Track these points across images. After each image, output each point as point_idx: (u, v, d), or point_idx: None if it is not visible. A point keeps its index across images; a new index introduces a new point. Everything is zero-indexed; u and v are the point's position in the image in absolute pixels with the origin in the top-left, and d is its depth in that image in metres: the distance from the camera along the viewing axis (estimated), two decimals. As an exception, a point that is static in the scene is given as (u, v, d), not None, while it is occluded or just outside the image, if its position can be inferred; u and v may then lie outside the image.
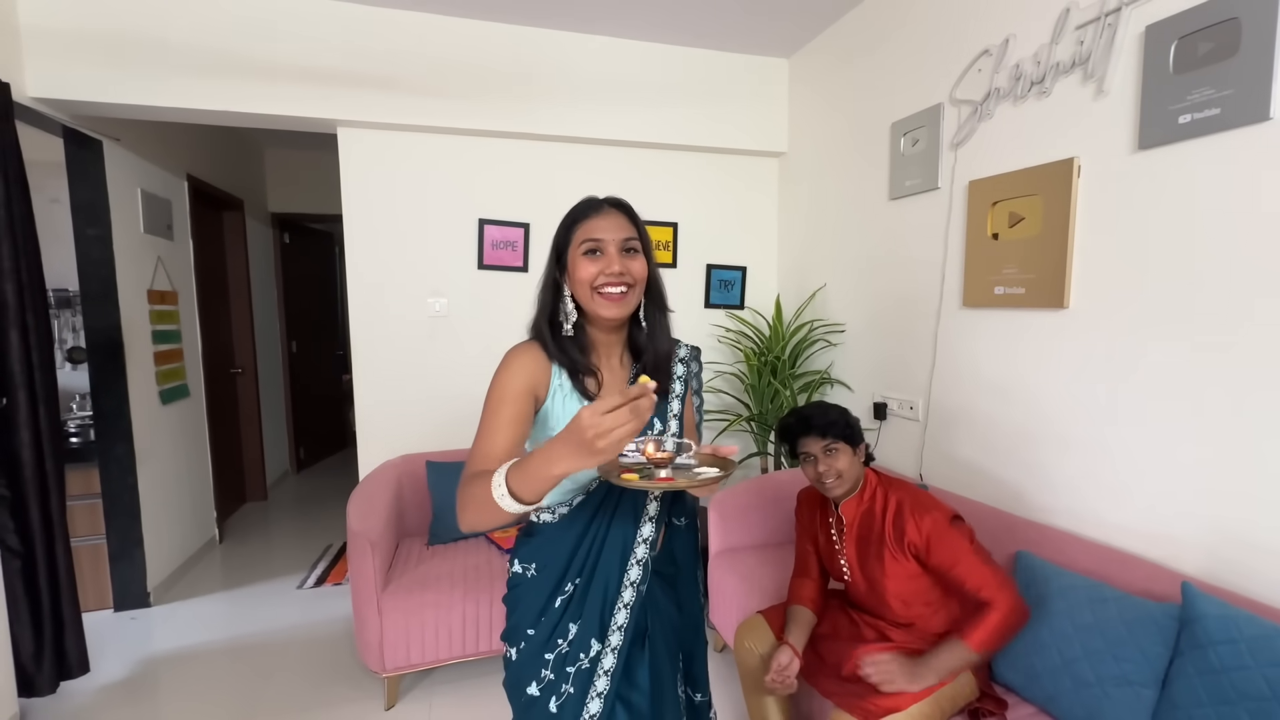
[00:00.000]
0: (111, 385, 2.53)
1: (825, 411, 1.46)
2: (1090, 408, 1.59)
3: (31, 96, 2.09)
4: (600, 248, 0.95)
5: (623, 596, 0.98)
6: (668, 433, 1.02)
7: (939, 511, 1.38)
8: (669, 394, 1.06)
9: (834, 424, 1.43)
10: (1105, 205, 1.52)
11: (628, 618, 0.97)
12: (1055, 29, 1.62)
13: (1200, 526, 1.36)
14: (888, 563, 1.40)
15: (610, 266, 0.94)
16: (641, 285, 0.99)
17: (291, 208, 4.52)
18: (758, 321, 2.94)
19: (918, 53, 2.11)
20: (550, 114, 2.61)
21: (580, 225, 0.97)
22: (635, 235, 0.97)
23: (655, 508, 1.01)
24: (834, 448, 1.43)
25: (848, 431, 1.44)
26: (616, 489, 1.00)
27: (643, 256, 0.98)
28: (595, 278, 0.95)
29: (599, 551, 0.99)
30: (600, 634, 0.97)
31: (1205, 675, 1.12)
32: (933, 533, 1.35)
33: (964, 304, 1.94)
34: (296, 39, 2.31)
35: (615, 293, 0.95)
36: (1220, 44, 1.27)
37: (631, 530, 1.00)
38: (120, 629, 2.49)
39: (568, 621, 0.98)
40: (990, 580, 1.30)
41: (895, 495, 1.43)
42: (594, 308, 0.96)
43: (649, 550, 1.00)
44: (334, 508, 3.84)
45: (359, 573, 1.91)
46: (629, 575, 0.99)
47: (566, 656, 0.97)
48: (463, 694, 2.06)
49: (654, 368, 1.04)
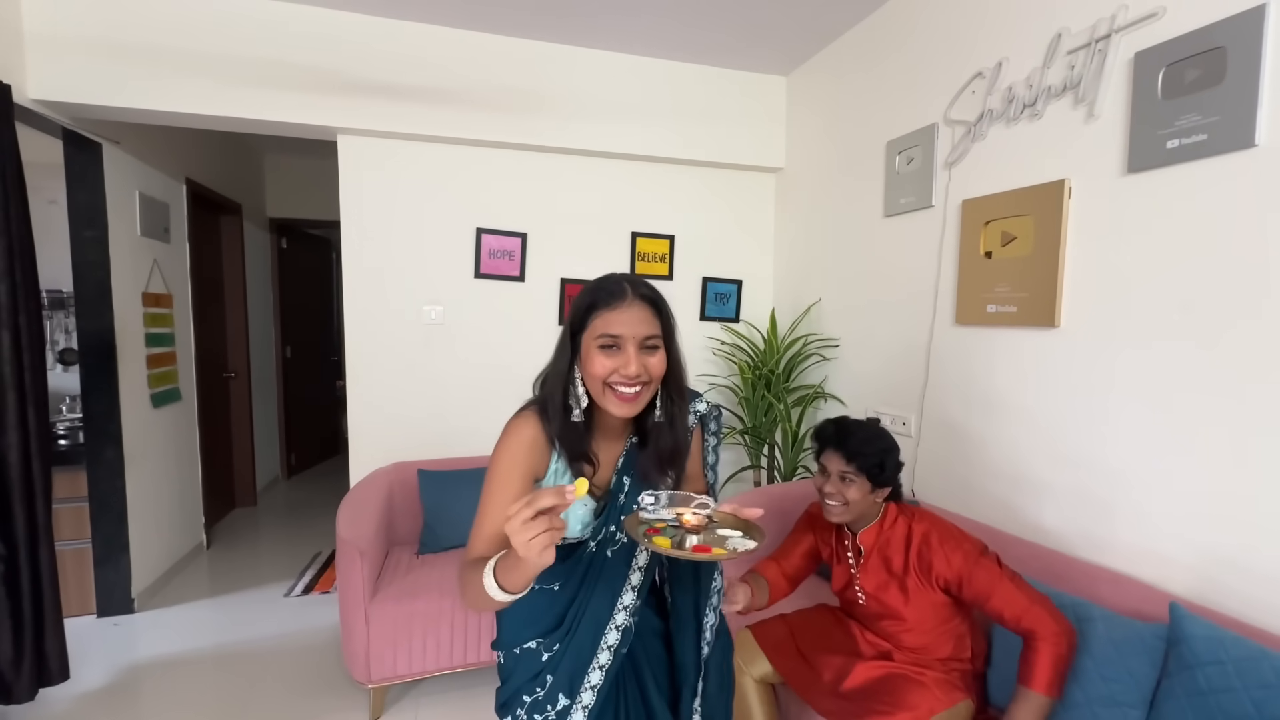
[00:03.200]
0: (102, 387, 2.52)
1: (867, 440, 1.38)
2: (1080, 426, 1.60)
3: (32, 98, 2.10)
4: (618, 344, 0.88)
5: (598, 659, 0.95)
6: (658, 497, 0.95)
7: (969, 544, 1.34)
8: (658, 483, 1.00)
9: (865, 455, 1.37)
10: (1095, 226, 1.55)
11: (602, 678, 0.94)
12: (1047, 53, 1.65)
13: (1189, 547, 1.37)
14: (912, 591, 1.37)
15: (627, 368, 0.87)
16: (658, 381, 0.93)
17: (289, 213, 4.53)
18: (752, 335, 2.95)
19: (913, 73, 2.14)
20: (550, 126, 2.63)
21: (599, 316, 0.89)
22: (658, 334, 0.91)
23: (639, 577, 0.97)
24: (851, 477, 1.38)
25: (876, 471, 1.37)
26: (598, 561, 0.97)
27: (663, 351, 0.92)
28: (609, 374, 0.89)
29: (576, 623, 0.96)
30: (570, 691, 0.95)
31: (1193, 696, 1.12)
32: (964, 567, 1.31)
33: (957, 321, 1.96)
34: (298, 47, 2.33)
35: (628, 393, 0.89)
36: (1207, 71, 1.30)
37: (610, 601, 0.96)
38: (103, 635, 2.45)
39: (545, 673, 0.97)
40: (1029, 608, 1.25)
41: (921, 526, 1.39)
42: (604, 403, 0.91)
43: (630, 616, 0.96)
44: (324, 515, 3.81)
45: (347, 581, 1.89)
46: (605, 640, 0.95)
47: (537, 705, 0.96)
48: (450, 706, 2.03)
49: (656, 458, 0.98)
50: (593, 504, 0.97)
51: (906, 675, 1.36)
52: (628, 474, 0.98)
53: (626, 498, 0.97)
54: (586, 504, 0.95)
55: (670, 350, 0.94)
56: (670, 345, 0.94)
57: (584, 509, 0.95)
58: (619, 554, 0.98)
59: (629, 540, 0.96)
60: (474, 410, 2.67)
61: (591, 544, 0.97)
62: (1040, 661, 1.21)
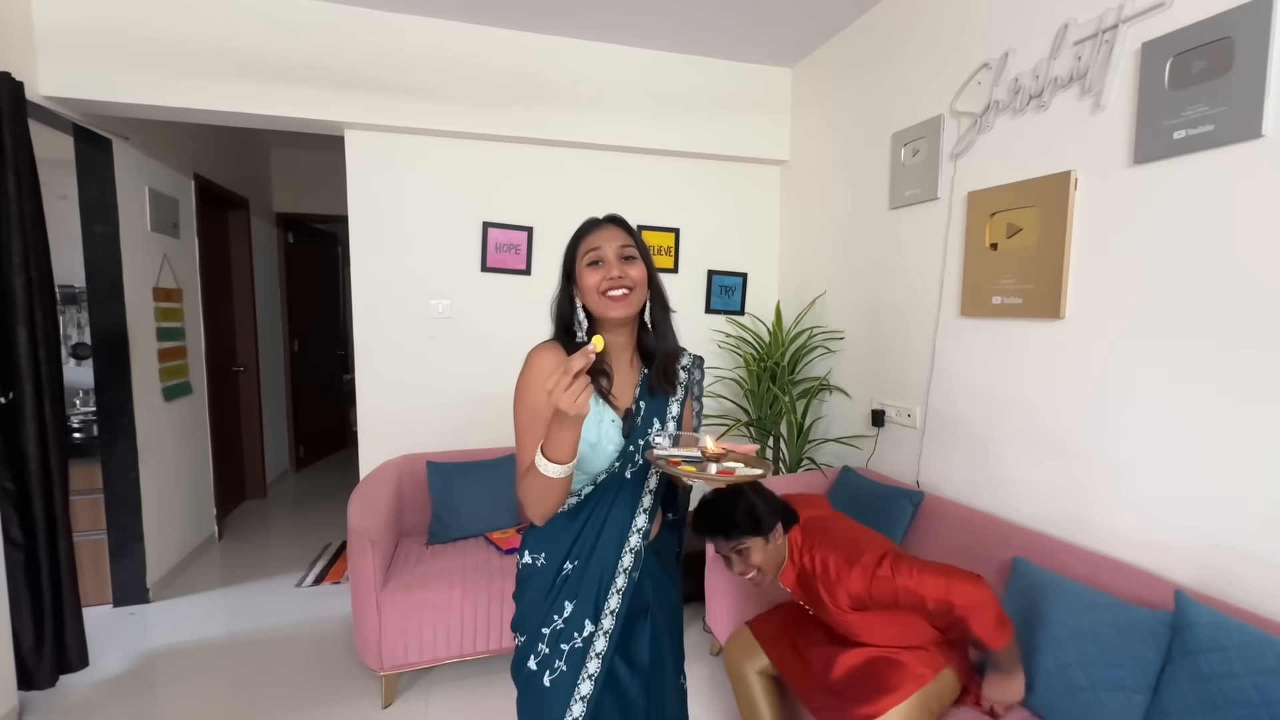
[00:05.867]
0: (115, 381, 2.55)
1: (728, 510, 1.39)
2: (1085, 416, 1.61)
3: (44, 95, 2.12)
4: (601, 257, 1.05)
5: (616, 582, 1.06)
6: (665, 431, 1.10)
7: (867, 557, 1.33)
8: (670, 396, 1.13)
9: (735, 525, 1.38)
10: (1101, 218, 1.55)
11: (620, 602, 1.05)
12: (1054, 44, 1.65)
13: (1193, 536, 1.38)
14: (835, 615, 1.39)
15: (610, 271, 1.04)
16: (643, 288, 1.07)
17: (296, 208, 4.55)
18: (758, 327, 2.96)
19: (919, 65, 2.14)
20: (556, 119, 2.64)
21: (583, 241, 1.08)
22: (631, 243, 1.07)
23: (650, 500, 1.10)
24: (742, 547, 1.39)
25: (752, 526, 1.38)
26: (616, 482, 1.08)
27: (641, 262, 1.07)
28: (600, 284, 1.04)
29: (596, 535, 1.07)
30: (594, 615, 1.04)
31: (1195, 682, 1.14)
32: (863, 588, 1.31)
33: (962, 313, 1.97)
34: (306, 42, 2.34)
35: (618, 294, 1.04)
36: (1214, 62, 1.29)
37: (628, 518, 1.08)
38: (119, 624, 2.50)
39: (564, 599, 1.05)
40: (936, 586, 1.26)
41: (820, 554, 1.40)
42: (602, 310, 1.05)
43: (642, 539, 1.08)
44: (332, 507, 3.85)
45: (359, 571, 1.92)
46: (623, 561, 1.07)
47: (561, 633, 1.04)
48: (460, 693, 2.06)
49: (662, 368, 1.12)
50: (618, 422, 1.07)
51: (887, 658, 1.38)
52: (644, 399, 1.11)
53: (643, 420, 1.10)
54: (614, 421, 1.07)
55: (647, 264, 1.09)
56: (648, 263, 1.09)
57: (611, 426, 1.06)
58: (636, 475, 1.09)
59: (644, 464, 1.08)
60: (481, 403, 2.70)
61: (615, 464, 1.07)
62: (982, 626, 1.25)
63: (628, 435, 1.08)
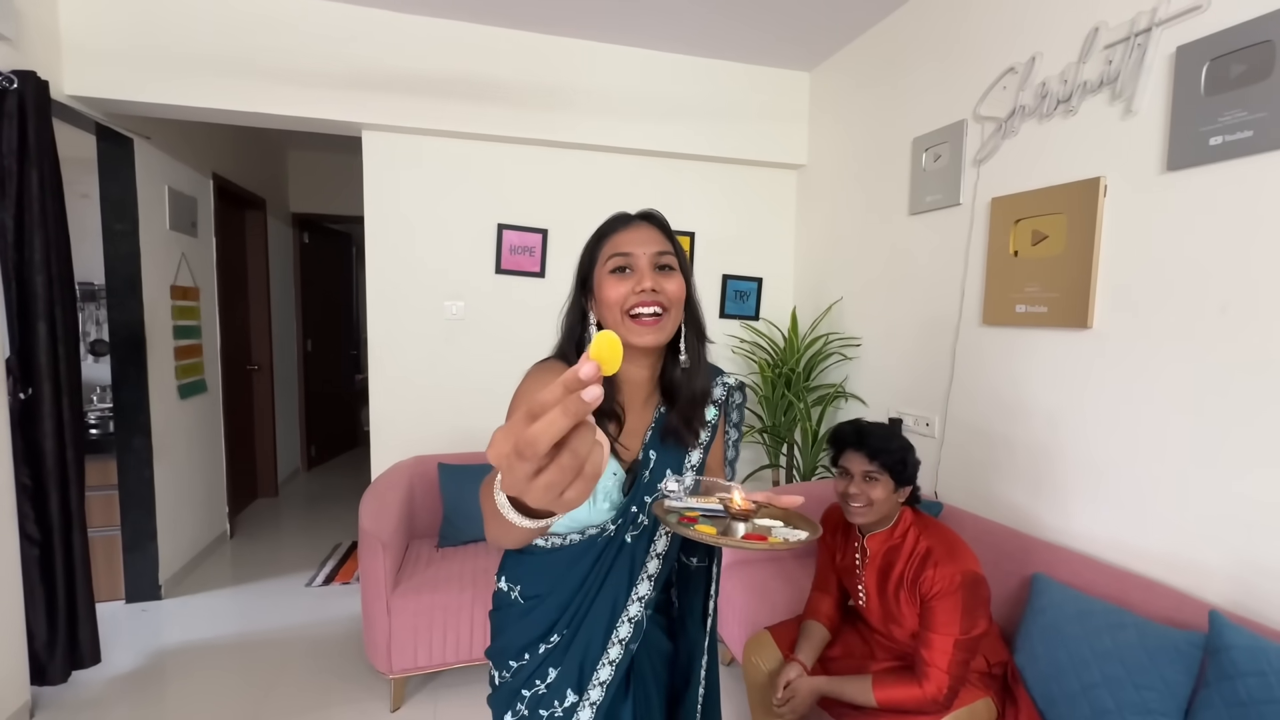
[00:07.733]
0: (132, 378, 2.57)
1: (887, 439, 1.38)
2: (1112, 429, 1.56)
3: (68, 94, 2.14)
4: (630, 264, 0.83)
5: (608, 654, 0.86)
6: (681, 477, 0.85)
7: (956, 567, 1.28)
8: (689, 445, 0.92)
9: (889, 452, 1.35)
10: (1132, 225, 1.51)
11: (612, 674, 0.86)
12: (1083, 48, 1.61)
13: (1226, 554, 1.33)
14: (904, 604, 1.36)
15: (642, 283, 0.82)
16: (679, 309, 0.86)
17: (312, 208, 4.58)
18: (773, 333, 2.93)
19: (941, 69, 2.11)
20: (572, 121, 2.63)
21: (607, 240, 0.86)
22: (670, 250, 0.85)
23: (657, 565, 0.88)
24: (875, 476, 1.36)
25: (899, 468, 1.36)
26: (614, 546, 0.87)
27: (679, 275, 0.86)
28: (625, 299, 0.82)
29: (587, 609, 0.87)
30: (578, 687, 0.86)
31: (1233, 707, 1.10)
32: (937, 588, 1.28)
33: (984, 321, 1.93)
34: (325, 43, 2.35)
35: (648, 315, 0.82)
36: (1253, 66, 1.26)
37: (625, 588, 0.87)
38: (131, 620, 2.51)
39: (548, 666, 0.88)
40: (941, 666, 1.24)
41: (927, 540, 1.35)
42: (625, 334, 0.81)
43: (645, 609, 0.87)
44: (343, 507, 3.86)
45: (369, 572, 1.92)
46: (617, 633, 0.87)
47: (542, 699, 0.88)
48: (469, 698, 2.05)
49: (686, 414, 0.90)
50: (621, 476, 0.87)
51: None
52: (654, 448, 0.89)
53: (652, 474, 0.89)
54: (615, 474, 0.86)
55: (686, 279, 0.87)
56: (687, 277, 0.87)
57: (611, 481, 0.86)
58: (639, 538, 0.88)
59: (650, 524, 0.88)
60: (494, 405, 2.69)
61: (611, 526, 0.87)
62: (904, 691, 1.27)
63: (629, 493, 0.87)
